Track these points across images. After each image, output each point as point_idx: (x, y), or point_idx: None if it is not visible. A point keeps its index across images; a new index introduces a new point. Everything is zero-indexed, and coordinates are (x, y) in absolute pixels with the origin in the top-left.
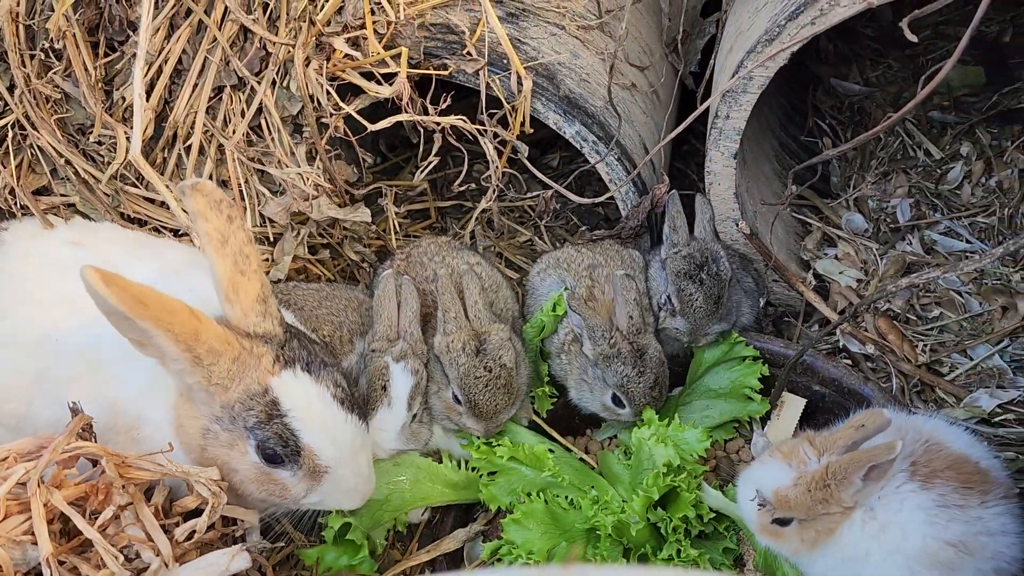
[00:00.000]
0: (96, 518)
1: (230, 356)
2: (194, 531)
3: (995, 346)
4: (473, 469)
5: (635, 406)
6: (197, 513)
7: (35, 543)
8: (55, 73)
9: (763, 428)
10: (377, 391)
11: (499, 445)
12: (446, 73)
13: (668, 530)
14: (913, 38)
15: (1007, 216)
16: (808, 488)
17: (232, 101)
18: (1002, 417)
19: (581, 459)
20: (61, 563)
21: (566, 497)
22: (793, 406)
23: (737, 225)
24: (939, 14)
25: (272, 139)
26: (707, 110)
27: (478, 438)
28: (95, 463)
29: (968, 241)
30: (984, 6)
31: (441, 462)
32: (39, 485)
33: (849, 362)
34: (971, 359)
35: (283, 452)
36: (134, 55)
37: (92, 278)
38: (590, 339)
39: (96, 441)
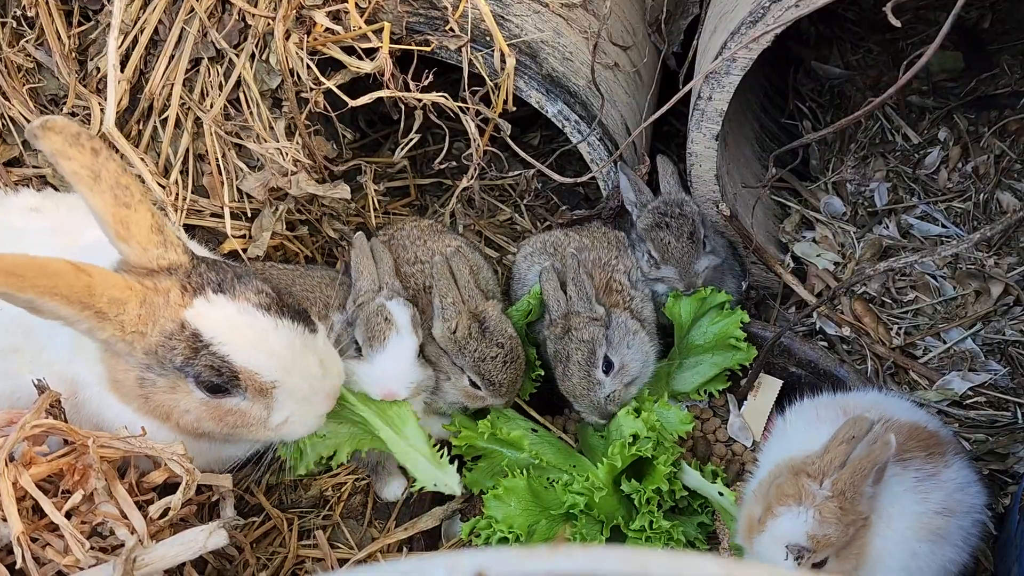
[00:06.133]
0: (69, 496)
1: (136, 300)
2: (168, 508)
3: (968, 330)
4: (453, 459)
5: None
6: (167, 486)
7: (5, 520)
8: (27, 42)
9: (740, 409)
10: (381, 324)
11: (482, 421)
12: (428, 49)
13: (641, 501)
14: (897, 23)
15: (982, 201)
16: (837, 518)
17: (210, 74)
18: (973, 400)
19: (560, 439)
20: (34, 540)
21: (547, 476)
22: (769, 387)
23: (718, 207)
24: None
25: (251, 113)
26: (689, 91)
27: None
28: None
29: (944, 226)
30: None
31: None
32: (8, 463)
33: (825, 344)
34: (944, 342)
35: (220, 381)
36: (109, 25)
37: None
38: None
39: (65, 417)
